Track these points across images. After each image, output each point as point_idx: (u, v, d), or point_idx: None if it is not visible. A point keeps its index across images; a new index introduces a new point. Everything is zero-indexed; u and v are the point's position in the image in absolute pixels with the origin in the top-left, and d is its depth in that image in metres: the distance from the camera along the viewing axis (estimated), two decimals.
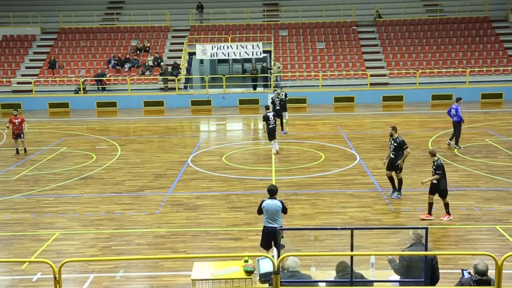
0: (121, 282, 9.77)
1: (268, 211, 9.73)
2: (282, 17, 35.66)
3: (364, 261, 8.20)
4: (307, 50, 32.80)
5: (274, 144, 18.36)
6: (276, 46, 32.80)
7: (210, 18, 35.45)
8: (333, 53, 32.35)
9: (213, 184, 15.45)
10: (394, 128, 13.70)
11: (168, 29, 34.85)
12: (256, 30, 34.17)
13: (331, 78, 30.80)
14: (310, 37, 33.75)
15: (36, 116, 27.29)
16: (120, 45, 33.46)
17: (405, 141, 13.53)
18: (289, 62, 31.96)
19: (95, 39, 34.06)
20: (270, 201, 9.79)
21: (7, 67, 32.05)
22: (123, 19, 35.91)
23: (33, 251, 10.95)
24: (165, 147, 20.16)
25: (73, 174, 16.56)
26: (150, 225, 12.38)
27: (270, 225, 9.70)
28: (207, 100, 29.33)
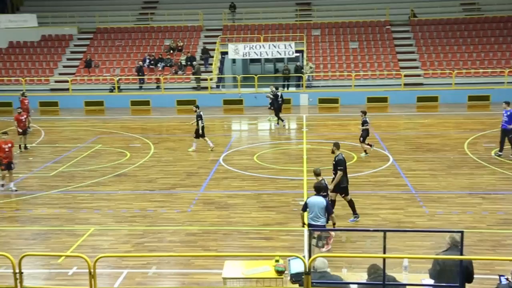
0: (154, 278, 9.90)
1: (311, 208, 9.84)
2: (315, 16, 35.50)
3: (397, 264, 8.10)
4: (340, 50, 32.56)
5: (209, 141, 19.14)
6: (308, 45, 32.67)
7: (243, 18, 35.56)
8: (366, 53, 32.02)
9: (244, 183, 15.50)
10: (336, 144, 12.31)
11: (201, 29, 35.11)
12: (289, 30, 34.10)
13: (364, 78, 30.49)
14: (343, 36, 33.49)
15: (72, 114, 27.90)
16: (154, 45, 33.88)
17: (342, 162, 12.00)
18: (321, 62, 31.79)
19: (129, 38, 34.59)
20: (315, 198, 9.88)
21: (46, 66, 32.85)
22: (157, 19, 36.36)
23: (69, 245, 11.20)
24: (197, 146, 20.31)
25: (107, 171, 16.86)
26: (182, 222, 12.51)
27: (313, 223, 9.84)
28: (239, 100, 29.43)
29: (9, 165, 14.79)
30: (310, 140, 20.56)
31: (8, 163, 14.76)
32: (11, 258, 7.04)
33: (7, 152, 14.72)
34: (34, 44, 34.74)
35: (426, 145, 19.59)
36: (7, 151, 14.72)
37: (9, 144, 14.90)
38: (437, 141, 20.01)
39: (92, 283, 6.99)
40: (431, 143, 19.75)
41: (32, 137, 22.09)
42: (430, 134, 21.48)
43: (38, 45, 34.73)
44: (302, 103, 29.14)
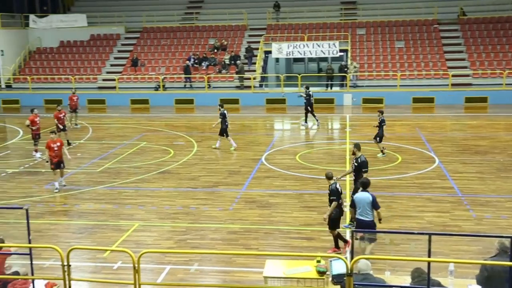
0: (195, 275, 10.01)
1: (359, 203, 9.98)
2: (360, 15, 35.08)
3: (442, 268, 7.90)
4: (385, 49, 32.06)
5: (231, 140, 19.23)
6: (353, 45, 32.31)
7: (287, 17, 35.50)
8: (412, 52, 31.41)
9: (286, 182, 15.47)
10: (357, 145, 12.07)
11: (245, 28, 35.27)
12: (333, 29, 33.82)
13: (409, 78, 29.92)
14: (388, 36, 32.96)
15: (118, 111, 28.55)
16: (199, 44, 34.27)
17: (367, 163, 11.71)
18: (365, 62, 31.38)
19: (175, 38, 35.11)
20: (362, 193, 10.04)
21: (94, 65, 33.75)
22: (202, 18, 36.77)
23: (114, 240, 11.46)
24: (239, 145, 20.40)
25: (151, 168, 17.16)
26: (224, 220, 12.59)
27: (361, 218, 9.96)
28: (282, 99, 29.39)
29: (59, 164, 14.86)
30: (353, 140, 20.25)
31: (58, 162, 14.82)
32: (59, 251, 7.26)
33: (56, 151, 14.74)
34: (83, 44, 35.76)
35: (474, 147, 19.05)
36: (56, 150, 14.74)
37: (58, 143, 14.91)
38: (486, 143, 19.42)
39: (136, 278, 7.12)
40: (480, 145, 19.18)
41: (80, 133, 22.75)
42: (479, 135, 20.86)
43: (87, 44, 35.72)
44: (345, 103, 28.85)
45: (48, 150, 14.80)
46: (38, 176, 16.45)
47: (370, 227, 9.97)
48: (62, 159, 14.89)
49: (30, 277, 7.87)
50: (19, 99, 31.19)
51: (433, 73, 29.72)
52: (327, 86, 30.66)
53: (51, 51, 35.49)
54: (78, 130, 23.63)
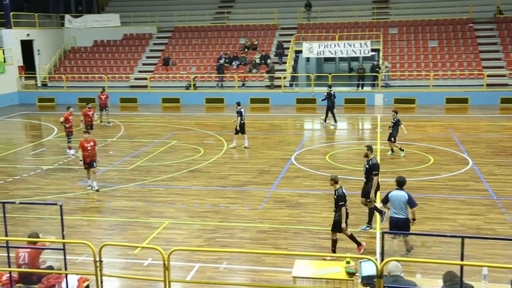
0: (224, 273, 10.05)
1: (393, 201, 10.01)
2: (393, 14, 34.66)
3: (476, 272, 7.74)
4: (418, 49, 31.59)
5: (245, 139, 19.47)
6: (385, 44, 31.94)
7: (318, 16, 35.34)
8: (446, 52, 30.86)
9: (315, 182, 15.39)
10: (369, 147, 11.73)
11: (276, 27, 35.24)
12: (365, 28, 33.50)
13: (443, 78, 29.41)
14: (421, 35, 32.47)
15: (150, 110, 28.91)
16: (229, 43, 34.41)
17: (378, 166, 11.49)
18: (398, 61, 30.99)
19: (206, 37, 35.34)
20: (397, 191, 10.06)
21: (127, 64, 34.26)
22: (233, 18, 36.91)
23: (145, 237, 11.60)
24: (269, 144, 20.43)
25: (182, 166, 17.31)
26: (253, 220, 12.61)
27: (395, 216, 9.99)
28: (312, 99, 29.25)
29: (92, 163, 14.82)
30: (384, 141, 20.06)
31: (91, 162, 14.79)
32: (92, 247, 7.39)
33: (89, 150, 14.74)
34: (116, 43, 36.34)
35: (510, 148, 18.60)
36: (89, 150, 14.74)
37: (91, 143, 14.85)
38: None
39: (166, 275, 7.21)
40: None
41: (112, 131, 23.12)
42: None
43: (120, 43, 36.28)
44: (377, 103, 28.54)
45: (81, 149, 14.80)
46: (71, 173, 16.79)
47: (405, 224, 9.97)
48: (94, 158, 14.92)
49: (63, 271, 8.04)
50: (54, 97, 31.91)
51: (467, 73, 29.13)
52: (358, 86, 30.39)
53: (85, 51, 36.18)
54: (110, 128, 24.02)
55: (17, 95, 32.30)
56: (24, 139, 23.48)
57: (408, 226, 10.04)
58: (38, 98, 32.09)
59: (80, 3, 41.16)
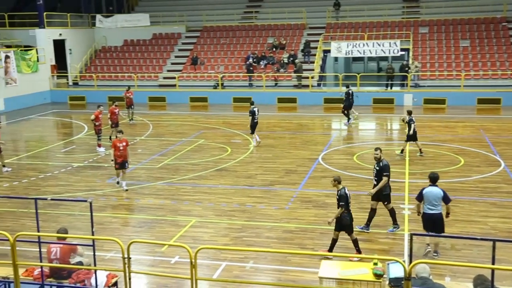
0: (251, 272, 10.07)
1: (428, 197, 10.05)
2: (423, 13, 34.18)
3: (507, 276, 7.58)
4: (449, 48, 31.08)
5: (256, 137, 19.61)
6: (415, 44, 31.51)
7: (347, 16, 35.09)
8: (478, 52, 30.28)
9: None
10: (380, 149, 11.63)
11: (304, 27, 35.14)
12: (394, 28, 33.13)
13: (474, 78, 28.85)
14: (452, 34, 31.93)
15: (178, 109, 29.15)
16: (257, 43, 34.45)
17: (388, 167, 11.39)
18: (428, 61, 30.54)
19: (234, 36, 35.46)
20: (431, 188, 10.13)
21: (156, 63, 34.64)
22: (261, 17, 36.94)
23: (172, 235, 11.70)
24: (296, 144, 20.38)
25: (209, 165, 17.40)
26: (279, 219, 12.59)
27: (430, 212, 10.04)
28: (340, 98, 29.00)
29: (123, 164, 14.73)
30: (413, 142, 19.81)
31: (123, 162, 14.69)
32: (120, 244, 7.49)
33: (121, 150, 14.62)
34: (146, 42, 36.77)
35: None
36: (121, 150, 14.62)
37: (124, 143, 14.71)
38: None
39: (193, 273, 7.25)
40: None
41: (141, 130, 23.40)
42: None
43: (150, 43, 36.70)
44: (406, 103, 28.18)
45: (113, 149, 14.72)
46: (101, 171, 17.06)
47: (440, 220, 10.07)
48: (126, 159, 14.82)
49: (92, 267, 8.17)
50: (84, 96, 32.45)
51: (500, 73, 28.53)
52: (387, 86, 30.06)
53: (116, 50, 36.71)
54: (134, 125, 24.30)
55: (49, 93, 32.97)
56: (56, 137, 23.96)
57: (443, 221, 10.13)
58: (69, 97, 32.70)
59: (111, 3, 41.78)
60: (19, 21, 35.09)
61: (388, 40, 30.65)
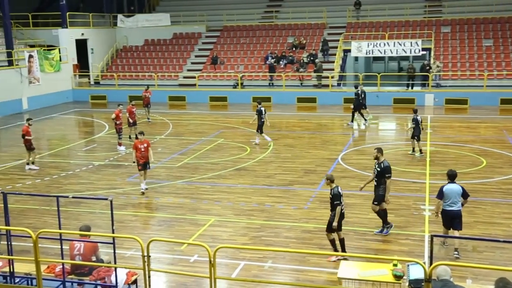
0: (269, 272, 10.07)
1: (449, 194, 10.22)
2: (445, 12, 33.76)
3: None
4: (472, 48, 30.65)
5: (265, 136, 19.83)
6: (436, 43, 31.16)
7: (367, 15, 34.84)
8: (501, 51, 29.81)
9: (362, 183, 15.14)
10: (380, 150, 11.47)
11: (324, 26, 35.00)
12: (416, 27, 32.79)
13: (497, 78, 28.41)
14: (475, 33, 31.50)
15: (197, 108, 29.27)
16: (277, 42, 34.41)
17: (390, 168, 11.27)
18: (450, 61, 30.17)
19: (254, 36, 35.47)
20: (451, 185, 10.31)
21: (176, 63, 34.84)
22: (281, 17, 36.89)
23: (191, 234, 11.76)
24: (315, 144, 20.31)
25: (228, 164, 17.45)
26: (298, 219, 12.57)
27: (450, 208, 10.23)
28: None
29: (145, 165, 14.60)
30: (434, 142, 19.62)
31: (144, 163, 14.55)
32: (140, 242, 7.56)
33: (143, 152, 14.48)
34: (166, 42, 37.01)
35: None
36: (143, 151, 14.48)
37: (145, 144, 14.57)
38: None
39: (211, 272, 7.29)
40: None
41: (161, 129, 23.57)
42: None
43: (170, 42, 36.93)
44: (427, 103, 27.90)
45: (135, 150, 14.58)
46: (121, 169, 17.22)
47: (460, 216, 10.30)
48: (148, 160, 14.66)
49: (113, 265, 8.26)
50: (106, 95, 32.80)
51: None
52: (407, 86, 29.76)
53: (137, 49, 37.02)
54: (154, 124, 24.48)
55: (71, 92, 33.40)
56: (77, 135, 24.27)
57: (461, 217, 10.36)
58: (90, 96, 33.09)
59: (132, 3, 42.15)
60: (42, 21, 35.62)
61: (409, 39, 30.36)
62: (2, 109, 27.78)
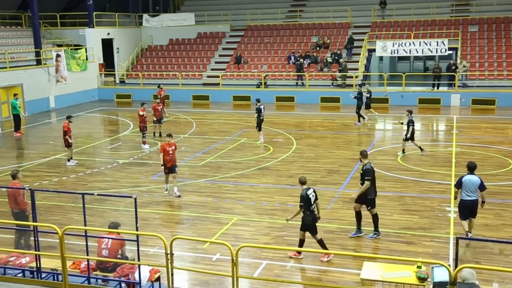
0: (291, 272, 10.05)
1: (467, 185, 10.73)
2: (473, 11, 33.19)
3: None
4: (500, 47, 30.08)
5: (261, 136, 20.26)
6: (463, 42, 30.67)
7: (393, 14, 34.48)
8: None
9: (386, 184, 15.05)
10: (363, 153, 11.44)
11: (349, 26, 34.75)
12: (442, 26, 32.32)
13: None
14: (504, 33, 30.89)
15: (221, 107, 29.37)
16: (301, 42, 34.30)
17: (371, 171, 11.16)
18: (477, 60, 29.66)
19: (278, 35, 35.42)
20: (470, 176, 10.80)
21: (200, 62, 35.01)
22: (305, 16, 36.75)
23: (214, 232, 11.81)
24: (339, 144, 20.20)
25: (251, 164, 17.47)
26: (321, 219, 12.48)
27: (468, 198, 10.77)
28: (385, 98, 28.62)
29: (173, 168, 14.21)
30: (460, 143, 19.32)
31: (172, 166, 14.19)
32: (164, 240, 7.62)
33: (170, 155, 14.13)
34: (191, 41, 37.23)
35: None
36: (171, 154, 14.13)
37: (173, 147, 14.23)
38: None
39: (234, 270, 7.30)
40: None
41: (184, 128, 23.72)
42: None
43: (194, 42, 37.13)
44: (453, 103, 27.50)
45: (163, 153, 14.20)
46: (145, 167, 17.39)
47: (475, 205, 10.83)
48: (175, 163, 14.42)
49: (136, 262, 8.35)
50: (131, 93, 33.17)
51: None
52: (433, 86, 29.36)
53: (161, 49, 37.32)
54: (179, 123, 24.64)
55: (97, 91, 33.86)
56: (103, 134, 24.59)
57: (477, 206, 10.91)
58: (116, 95, 33.50)
59: (158, 2, 42.51)
60: (70, 21, 36.18)
61: (436, 39, 29.94)
62: (31, 107, 28.31)
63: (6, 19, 33.93)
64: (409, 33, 31.75)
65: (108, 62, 35.82)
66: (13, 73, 27.59)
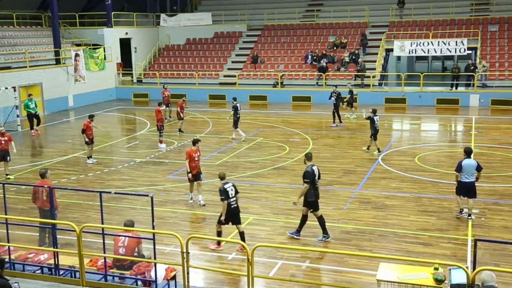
0: (307, 272, 10.03)
1: (466, 168, 11.85)
2: (493, 11, 32.76)
3: None
4: None
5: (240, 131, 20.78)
6: (483, 42, 30.29)
7: (411, 14, 34.20)
8: None
9: (403, 184, 14.94)
10: (307, 155, 11.55)
11: (366, 25, 34.55)
12: (461, 26, 31.97)
13: None
14: None
15: None
16: (318, 41, 34.19)
17: (309, 174, 11.13)
18: (497, 60, 29.28)
19: (294, 35, 35.35)
20: (468, 160, 11.91)
21: (217, 61, 35.10)
22: (322, 16, 36.63)
23: (229, 232, 11.81)
24: (355, 144, 20.09)
25: (267, 163, 17.46)
26: (337, 220, 12.46)
27: (467, 180, 11.90)
28: (402, 98, 28.42)
29: (198, 175, 13.73)
30: (479, 144, 19.09)
31: (197, 173, 13.70)
32: (180, 238, 7.66)
33: (196, 161, 13.61)
34: (208, 41, 37.33)
35: None
36: (196, 160, 13.61)
37: (198, 153, 13.76)
38: None
39: (249, 270, 7.32)
40: None
41: (201, 127, 23.81)
42: None
43: (211, 41, 37.22)
44: (472, 104, 27.19)
45: (189, 160, 13.56)
46: (162, 166, 17.48)
47: (474, 186, 11.96)
48: (200, 170, 13.87)
49: (153, 260, 8.41)
50: (148, 93, 33.39)
51: None
52: (452, 86, 29.06)
53: (178, 48, 37.50)
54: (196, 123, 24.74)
55: (115, 90, 34.15)
56: (120, 133, 24.79)
57: (475, 187, 12.01)
58: (133, 94, 33.75)
59: (175, 2, 42.71)
60: (88, 21, 36.55)
61: (455, 38, 29.62)
62: (49, 106, 28.66)
63: (26, 19, 34.40)
64: (428, 32, 31.46)
65: (126, 62, 36.10)
66: (33, 72, 27.95)
